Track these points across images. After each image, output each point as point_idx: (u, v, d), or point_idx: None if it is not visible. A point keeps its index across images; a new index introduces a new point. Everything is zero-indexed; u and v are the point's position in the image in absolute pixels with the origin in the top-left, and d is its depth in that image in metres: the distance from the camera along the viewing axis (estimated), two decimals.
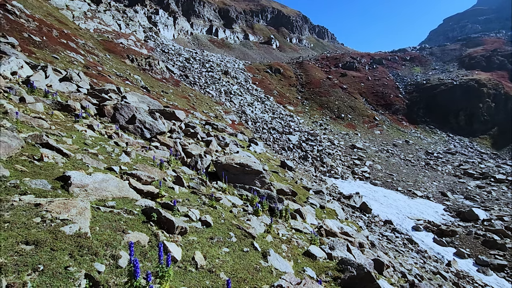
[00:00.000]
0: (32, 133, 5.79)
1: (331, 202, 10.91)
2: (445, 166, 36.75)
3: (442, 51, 72.26)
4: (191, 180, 6.92)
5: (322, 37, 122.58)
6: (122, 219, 4.03)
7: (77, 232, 3.28)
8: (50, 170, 4.78)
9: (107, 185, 4.65)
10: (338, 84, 60.54)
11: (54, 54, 19.80)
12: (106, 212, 4.08)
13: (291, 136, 38.42)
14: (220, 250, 4.42)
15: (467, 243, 18.09)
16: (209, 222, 4.96)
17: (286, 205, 7.04)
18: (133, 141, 7.67)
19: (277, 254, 4.80)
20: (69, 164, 5.30)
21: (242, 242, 4.90)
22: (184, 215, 5.04)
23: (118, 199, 4.65)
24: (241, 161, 7.81)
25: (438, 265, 14.24)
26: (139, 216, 4.33)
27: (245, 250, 4.66)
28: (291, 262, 4.90)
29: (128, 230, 3.80)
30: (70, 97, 10.60)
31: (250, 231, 5.09)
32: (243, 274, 4.04)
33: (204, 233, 4.73)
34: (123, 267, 3.14)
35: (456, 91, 51.86)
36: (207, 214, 5.31)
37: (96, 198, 4.41)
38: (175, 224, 4.20)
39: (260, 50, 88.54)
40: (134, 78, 28.53)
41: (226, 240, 4.76)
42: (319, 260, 5.30)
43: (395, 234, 17.81)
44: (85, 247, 3.14)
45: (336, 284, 4.46)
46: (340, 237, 6.61)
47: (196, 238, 4.47)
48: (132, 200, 4.79)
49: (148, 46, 52.00)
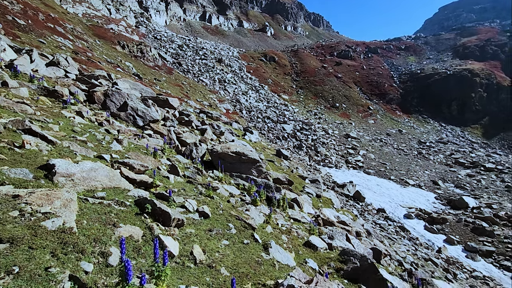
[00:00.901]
0: (14, 119, 5.35)
1: (326, 191, 10.92)
2: (437, 155, 37.27)
3: (437, 40, 72.15)
4: (186, 169, 6.72)
5: (317, 25, 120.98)
6: (112, 211, 3.74)
7: (60, 227, 2.93)
8: (32, 158, 4.37)
9: (97, 174, 4.31)
10: (333, 73, 60.19)
11: (40, 38, 19.01)
12: (95, 203, 3.76)
13: (285, 125, 38.30)
14: (219, 243, 4.22)
15: (457, 230, 18.51)
16: (207, 213, 4.78)
17: (284, 194, 6.94)
18: (125, 129, 7.40)
19: (278, 246, 4.67)
20: (55, 152, 4.89)
21: (242, 233, 4.74)
22: (181, 206, 4.81)
23: (109, 189, 4.33)
24: (237, 149, 7.63)
25: (429, 252, 14.56)
26: (131, 207, 4.05)
27: (246, 242, 4.51)
28: (292, 254, 4.78)
29: (120, 223, 3.52)
30: (58, 82, 10.17)
31: (249, 222, 4.94)
32: (245, 268, 3.85)
33: (202, 224, 4.53)
34: (114, 265, 2.86)
35: (449, 81, 52.10)
36: (205, 205, 5.11)
37: (84, 189, 4.07)
38: (171, 216, 3.97)
39: (255, 38, 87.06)
40: (125, 65, 27.76)
41: (226, 232, 4.58)
42: (320, 251, 5.20)
43: (388, 222, 18.10)
44: (70, 244, 2.81)
45: (339, 275, 4.36)
46: (337, 226, 6.58)
47: (193, 230, 4.25)
48: (124, 191, 4.48)
49: (140, 32, 50.54)
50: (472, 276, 13.01)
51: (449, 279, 9.34)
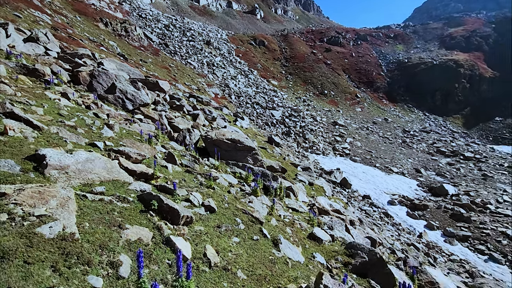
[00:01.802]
0: None
1: (318, 179, 11.02)
2: (420, 144, 38.40)
3: (425, 29, 72.70)
4: (183, 157, 6.46)
5: (307, 9, 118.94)
6: (116, 209, 3.37)
7: (60, 233, 2.50)
8: (17, 147, 3.86)
9: (93, 166, 3.89)
10: (322, 59, 59.88)
11: (15, 12, 17.64)
12: (95, 201, 3.37)
13: (274, 112, 38.14)
14: (230, 240, 4.00)
15: (436, 216, 19.37)
16: (213, 207, 4.55)
17: (280, 183, 6.90)
18: (115, 113, 7.02)
19: (287, 241, 4.56)
20: (42, 139, 4.38)
21: (250, 229, 4.56)
22: (185, 200, 4.53)
23: (108, 182, 3.93)
24: (233, 136, 7.42)
25: (411, 237, 15.20)
26: (135, 204, 3.71)
27: (255, 239, 4.34)
28: (300, 248, 4.69)
29: (126, 223, 3.16)
30: (38, 60, 9.49)
31: (255, 215, 4.80)
32: (261, 270, 3.65)
33: (210, 220, 4.29)
34: (126, 277, 2.47)
35: (435, 71, 53.05)
36: (210, 198, 4.85)
37: (80, 183, 3.64)
38: (180, 213, 3.66)
39: (244, 20, 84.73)
40: (109, 44, 26.42)
41: (234, 228, 4.37)
42: (325, 244, 5.15)
43: (373, 208, 18.66)
44: (73, 254, 2.40)
45: (348, 270, 4.32)
46: (332, 215, 6.66)
47: (203, 228, 3.98)
48: (124, 184, 4.11)
49: (123, 9, 47.98)
50: (450, 259, 13.74)
51: (431, 263, 9.80)
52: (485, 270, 13.62)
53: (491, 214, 19.41)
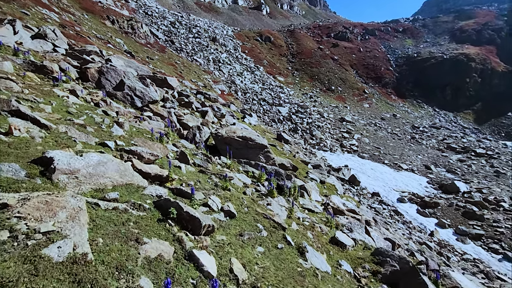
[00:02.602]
0: None
1: (329, 177, 10.82)
2: (429, 140, 37.72)
3: (435, 23, 71.08)
4: (194, 155, 6.30)
5: (314, 4, 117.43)
6: (131, 219, 3.07)
7: (70, 254, 2.15)
8: (23, 149, 3.56)
9: (105, 169, 3.60)
10: (329, 55, 59.12)
11: (23, 9, 17.70)
12: (109, 209, 3.05)
13: (281, 108, 37.85)
14: (254, 250, 3.73)
15: (448, 214, 18.98)
16: (233, 212, 4.31)
17: (295, 182, 6.70)
18: (124, 110, 6.91)
19: (312, 249, 4.33)
20: (50, 140, 4.09)
21: (273, 235, 4.31)
22: (203, 204, 4.26)
23: (121, 187, 3.63)
24: (244, 134, 7.24)
25: (422, 235, 14.91)
26: (152, 212, 3.41)
27: (280, 247, 4.09)
28: (324, 255, 4.45)
29: (143, 236, 2.85)
30: (46, 57, 9.45)
31: (276, 220, 4.58)
32: (291, 285, 3.37)
33: (231, 227, 4.01)
34: None
35: (445, 65, 51.88)
36: (229, 202, 4.60)
37: (92, 188, 3.34)
38: (202, 222, 3.41)
39: (250, 16, 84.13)
40: (116, 42, 26.45)
41: (257, 235, 4.10)
42: (349, 249, 4.93)
43: (382, 206, 18.37)
44: (86, 282, 2.01)
45: (377, 279, 4.11)
46: (347, 215, 6.46)
47: (225, 237, 3.72)
48: (139, 188, 3.81)
49: (130, 7, 48.01)
50: (463, 259, 13.43)
51: (446, 263, 9.56)
52: (500, 269, 13.28)
53: (505, 212, 18.93)
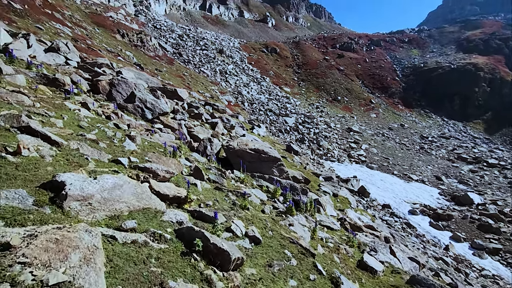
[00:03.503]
0: (7, 112, 4.31)
1: (341, 189, 10.56)
2: (439, 150, 37.07)
3: (441, 33, 71.15)
4: (208, 170, 6.14)
5: (319, 16, 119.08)
6: (152, 255, 2.68)
7: None
8: (32, 171, 3.22)
9: (121, 192, 3.26)
10: (335, 65, 59.36)
11: (37, 24, 18.26)
12: (127, 243, 2.67)
13: (287, 118, 37.84)
14: (287, 285, 3.34)
15: (462, 227, 18.35)
16: (258, 237, 4.00)
17: (311, 197, 6.47)
18: (135, 123, 6.89)
19: (346, 280, 3.94)
20: (61, 158, 3.80)
21: (303, 264, 4.00)
22: (226, 229, 3.93)
23: (138, 212, 3.30)
24: (256, 146, 7.11)
25: (437, 250, 14.37)
26: (174, 243, 3.05)
27: (312, 278, 3.74)
28: (356, 284, 4.07)
29: (168, 279, 2.45)
30: (58, 70, 9.60)
31: (302, 243, 4.30)
32: None
33: (258, 256, 3.66)
34: None
35: (453, 75, 51.53)
36: (252, 225, 4.31)
37: (106, 215, 3.01)
38: (231, 256, 3.04)
39: (256, 28, 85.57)
40: (126, 54, 27.00)
41: (287, 265, 3.75)
42: (380, 275, 4.59)
43: (394, 218, 17.88)
44: None
45: None
46: (366, 232, 6.21)
47: (254, 270, 3.35)
48: (157, 213, 3.47)
49: (139, 21, 49.32)
50: (481, 275, 12.86)
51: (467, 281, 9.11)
52: None
53: None
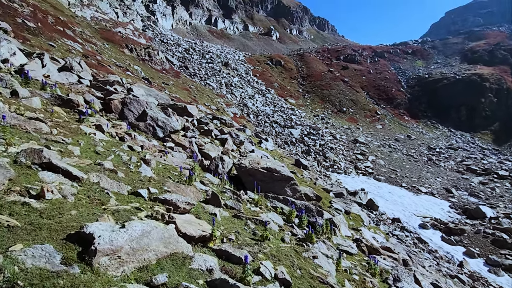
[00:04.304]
0: (27, 145, 4.26)
1: (353, 205, 10.37)
2: (447, 161, 36.57)
3: (444, 44, 71.46)
4: (223, 193, 6.07)
5: (322, 29, 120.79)
6: None
7: None
8: (56, 217, 3.05)
9: (149, 240, 3.08)
10: (339, 77, 59.72)
11: (50, 41, 18.78)
12: None
13: (293, 130, 37.86)
14: None
15: (476, 242, 17.84)
16: (288, 279, 3.74)
17: (327, 219, 6.31)
18: (148, 144, 6.92)
19: None
20: (83, 196, 3.75)
21: None
22: (255, 271, 3.70)
23: (166, 260, 3.11)
24: (268, 165, 7.06)
25: (451, 266, 13.95)
26: None
27: None
28: None
29: None
30: (72, 89, 9.78)
31: (331, 281, 4.05)
32: None
33: None
34: None
35: (458, 86, 51.40)
36: (280, 264, 4.05)
37: (135, 267, 2.82)
38: None
39: (260, 42, 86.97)
40: (134, 69, 27.54)
41: None
42: None
43: (405, 233, 17.48)
44: None
45: None
46: (383, 254, 6.02)
47: None
48: (186, 260, 3.26)
49: (147, 35, 50.53)
50: None
51: None
52: None
53: None
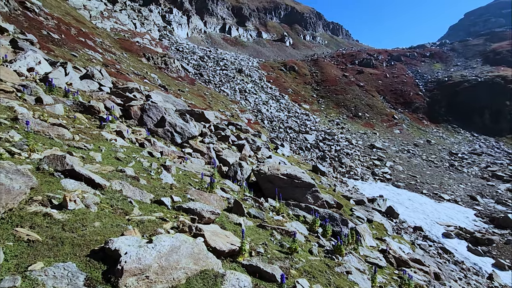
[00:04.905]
0: (50, 151, 4.29)
1: (375, 213, 9.97)
2: (471, 167, 35.00)
3: (464, 46, 69.21)
4: (244, 201, 5.90)
5: (336, 33, 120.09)
6: None
7: None
8: (79, 230, 2.90)
9: (179, 256, 2.82)
10: (354, 81, 58.88)
11: (72, 52, 19.56)
12: None
13: (308, 136, 37.46)
14: None
15: (506, 253, 16.81)
16: None
17: (351, 228, 6.04)
18: (168, 150, 6.96)
19: None
20: (106, 205, 3.64)
21: None
22: None
23: (197, 279, 2.87)
24: (288, 171, 6.89)
25: (480, 279, 13.14)
26: None
27: None
28: None
29: None
30: (93, 96, 10.06)
31: None
32: None
33: None
34: None
35: (480, 88, 49.46)
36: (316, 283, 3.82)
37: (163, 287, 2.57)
38: None
39: (274, 48, 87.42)
40: (151, 77, 28.21)
41: None
42: None
43: (428, 242, 16.71)
44: None
45: None
46: (413, 267, 5.65)
47: None
48: (217, 278, 3.02)
49: (163, 44, 51.87)
50: None
51: None
52: None
53: None
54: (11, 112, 5.42)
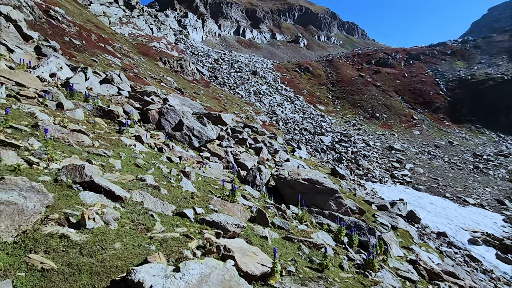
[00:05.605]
0: (69, 160, 4.20)
1: (399, 219, 9.53)
2: (497, 170, 33.28)
3: (488, 43, 66.18)
4: (267, 209, 5.65)
5: (351, 33, 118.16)
6: None
7: None
8: (98, 254, 2.67)
9: (209, 286, 2.56)
10: (371, 81, 57.53)
11: (93, 57, 20.13)
12: None
13: (323, 137, 36.86)
14: None
15: None
16: None
17: (378, 238, 5.71)
18: (186, 155, 6.91)
19: None
20: (127, 220, 3.42)
21: None
22: None
23: None
24: (309, 176, 6.67)
25: None
26: None
27: None
28: None
29: None
30: (112, 100, 10.22)
31: None
32: None
33: None
34: None
35: (506, 87, 47.06)
36: None
37: None
38: None
39: (288, 49, 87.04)
40: (167, 80, 28.64)
41: None
42: None
43: (453, 249, 15.90)
44: None
45: None
46: (447, 281, 5.30)
47: None
48: None
49: (179, 48, 52.73)
50: None
51: None
52: None
53: None
54: (32, 119, 5.45)
